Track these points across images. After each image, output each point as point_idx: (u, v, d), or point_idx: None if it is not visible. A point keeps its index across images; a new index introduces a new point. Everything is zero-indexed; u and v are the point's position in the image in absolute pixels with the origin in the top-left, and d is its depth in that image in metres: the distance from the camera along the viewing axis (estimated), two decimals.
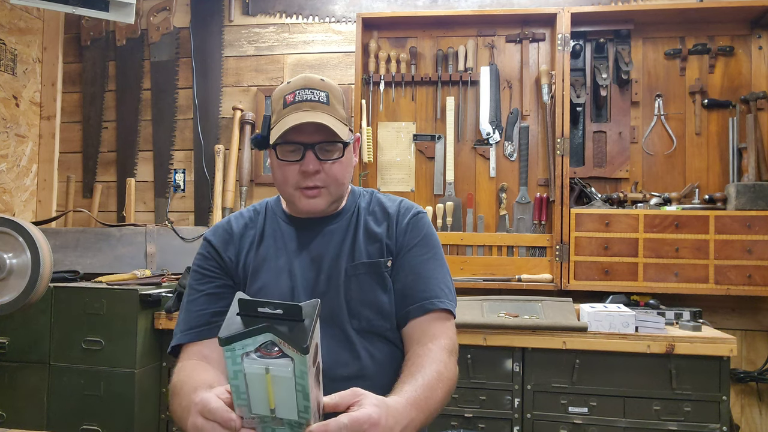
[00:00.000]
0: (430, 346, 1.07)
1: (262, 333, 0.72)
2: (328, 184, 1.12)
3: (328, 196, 1.14)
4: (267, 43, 2.95)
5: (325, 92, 1.12)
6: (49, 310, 2.23)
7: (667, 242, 2.35)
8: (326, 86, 1.13)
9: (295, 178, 1.12)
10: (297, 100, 1.10)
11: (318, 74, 1.17)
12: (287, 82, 1.15)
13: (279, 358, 0.73)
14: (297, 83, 1.13)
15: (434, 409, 0.96)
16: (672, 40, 2.60)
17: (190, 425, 0.81)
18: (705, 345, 1.97)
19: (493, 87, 2.68)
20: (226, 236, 1.21)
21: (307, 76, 1.14)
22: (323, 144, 1.10)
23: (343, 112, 1.15)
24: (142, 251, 2.64)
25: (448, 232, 2.64)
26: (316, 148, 1.09)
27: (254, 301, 0.74)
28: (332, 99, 1.12)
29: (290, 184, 1.13)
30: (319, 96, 1.11)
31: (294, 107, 1.09)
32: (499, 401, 2.10)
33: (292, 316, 0.73)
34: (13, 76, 2.86)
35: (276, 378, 0.73)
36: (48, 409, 2.22)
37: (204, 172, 2.91)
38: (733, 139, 2.51)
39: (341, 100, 1.15)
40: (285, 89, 1.13)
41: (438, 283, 1.15)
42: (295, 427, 0.78)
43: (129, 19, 2.51)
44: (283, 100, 1.12)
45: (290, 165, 1.11)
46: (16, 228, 1.83)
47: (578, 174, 2.59)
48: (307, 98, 1.10)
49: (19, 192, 2.92)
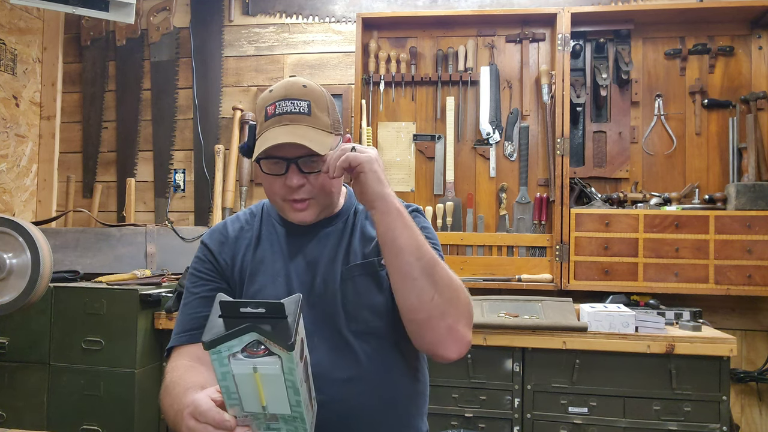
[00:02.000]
0: None
1: (246, 333, 0.72)
2: (314, 195, 1.11)
3: (316, 207, 1.13)
4: (267, 43, 2.95)
5: (307, 101, 1.08)
6: (49, 310, 2.22)
7: (667, 242, 2.35)
8: (308, 93, 1.09)
9: (281, 190, 1.11)
10: (277, 112, 1.07)
11: (302, 77, 1.14)
12: (269, 90, 1.12)
13: (266, 356, 0.73)
14: (277, 93, 1.09)
15: (416, 238, 1.01)
16: (672, 40, 2.60)
17: (184, 429, 0.81)
18: (705, 345, 1.97)
19: (493, 87, 2.68)
20: (221, 239, 1.21)
21: (288, 84, 1.11)
22: (305, 158, 1.08)
23: (327, 119, 1.10)
24: (142, 251, 2.64)
25: (448, 232, 2.64)
26: (299, 162, 1.08)
27: (236, 302, 0.74)
28: (314, 108, 1.09)
29: (278, 196, 1.12)
30: (299, 107, 1.07)
31: (275, 120, 1.07)
32: (499, 401, 2.10)
33: (274, 314, 0.73)
34: (13, 76, 2.86)
35: (265, 376, 0.73)
36: (48, 409, 2.22)
37: (204, 172, 2.91)
38: (733, 139, 2.51)
39: (325, 106, 1.11)
40: (267, 99, 1.10)
41: None
42: (290, 421, 0.78)
43: (129, 19, 2.51)
44: (265, 112, 1.09)
45: (276, 178, 1.10)
46: (16, 228, 1.83)
47: (578, 174, 2.59)
48: (287, 110, 1.07)
49: (19, 192, 2.92)
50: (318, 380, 1.07)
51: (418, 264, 0.99)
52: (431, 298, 0.99)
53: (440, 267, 1.02)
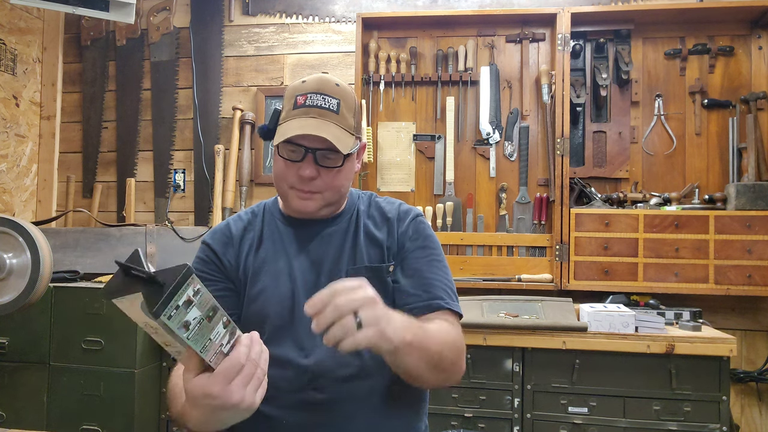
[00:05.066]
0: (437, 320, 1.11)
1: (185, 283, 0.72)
2: (324, 190, 1.12)
3: (321, 201, 1.13)
4: (267, 43, 2.95)
5: (337, 100, 1.10)
6: (49, 310, 2.23)
7: (667, 242, 2.35)
8: (340, 93, 1.11)
9: (292, 177, 1.12)
10: (307, 104, 1.09)
11: (335, 77, 1.15)
12: (302, 80, 1.13)
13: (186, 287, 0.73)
14: (311, 85, 1.11)
15: (428, 347, 0.97)
16: (672, 40, 2.60)
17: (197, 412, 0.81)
18: (705, 345, 1.97)
19: (493, 87, 2.68)
20: (224, 239, 1.21)
21: (322, 79, 1.12)
22: (324, 151, 1.09)
23: (352, 121, 1.12)
24: (142, 251, 2.64)
25: (448, 232, 2.64)
26: (317, 154, 1.09)
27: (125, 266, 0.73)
28: (343, 107, 1.10)
29: (287, 182, 1.13)
30: (330, 104, 1.09)
31: (303, 111, 1.08)
32: (499, 401, 2.10)
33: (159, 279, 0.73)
34: (13, 76, 2.85)
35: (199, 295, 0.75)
36: (48, 409, 2.22)
37: (204, 172, 2.91)
38: (733, 139, 2.51)
39: (353, 107, 1.13)
40: (299, 88, 1.11)
41: (442, 286, 1.16)
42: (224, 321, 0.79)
43: (129, 19, 2.51)
44: (295, 100, 1.10)
45: (290, 164, 1.11)
46: (16, 228, 1.83)
47: (578, 174, 2.59)
48: (317, 104, 1.08)
49: (19, 192, 2.92)
50: (320, 379, 1.08)
51: (426, 366, 0.99)
52: (435, 379, 1.04)
53: (445, 349, 1.03)
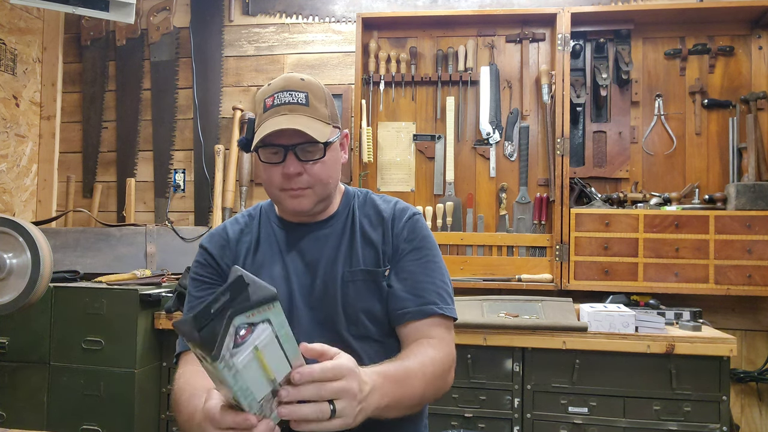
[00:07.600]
0: (424, 343, 1.09)
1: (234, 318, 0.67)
2: (312, 184, 1.12)
3: (313, 196, 1.13)
4: (267, 43, 2.95)
5: (305, 93, 1.10)
6: (49, 310, 2.22)
7: (667, 242, 2.35)
8: (306, 86, 1.12)
9: (279, 179, 1.12)
10: (276, 103, 1.09)
11: (300, 73, 1.16)
12: (268, 84, 1.15)
13: (254, 331, 0.69)
14: (276, 86, 1.12)
15: (408, 396, 0.96)
16: (672, 40, 2.60)
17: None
18: (705, 345, 1.97)
19: (493, 87, 2.68)
20: (222, 242, 1.21)
21: (286, 77, 1.13)
22: (303, 145, 1.09)
23: (325, 111, 1.13)
24: (142, 251, 2.64)
25: (448, 232, 2.64)
26: (296, 150, 1.09)
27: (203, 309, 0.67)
28: (312, 99, 1.11)
29: (275, 186, 1.13)
30: (297, 98, 1.10)
31: (273, 111, 1.09)
32: (499, 401, 2.10)
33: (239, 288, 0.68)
34: (13, 76, 2.85)
35: (265, 348, 0.70)
36: (48, 409, 2.22)
37: (204, 172, 2.91)
38: (733, 139, 2.51)
39: (323, 98, 1.13)
40: (265, 92, 1.13)
41: (436, 290, 1.15)
42: None
43: (129, 19, 2.51)
44: (263, 104, 1.11)
45: (273, 167, 1.11)
46: (16, 228, 1.83)
47: (578, 174, 2.59)
48: (285, 101, 1.09)
49: (19, 192, 2.92)
50: None
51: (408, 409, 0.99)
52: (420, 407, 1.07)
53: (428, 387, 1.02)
